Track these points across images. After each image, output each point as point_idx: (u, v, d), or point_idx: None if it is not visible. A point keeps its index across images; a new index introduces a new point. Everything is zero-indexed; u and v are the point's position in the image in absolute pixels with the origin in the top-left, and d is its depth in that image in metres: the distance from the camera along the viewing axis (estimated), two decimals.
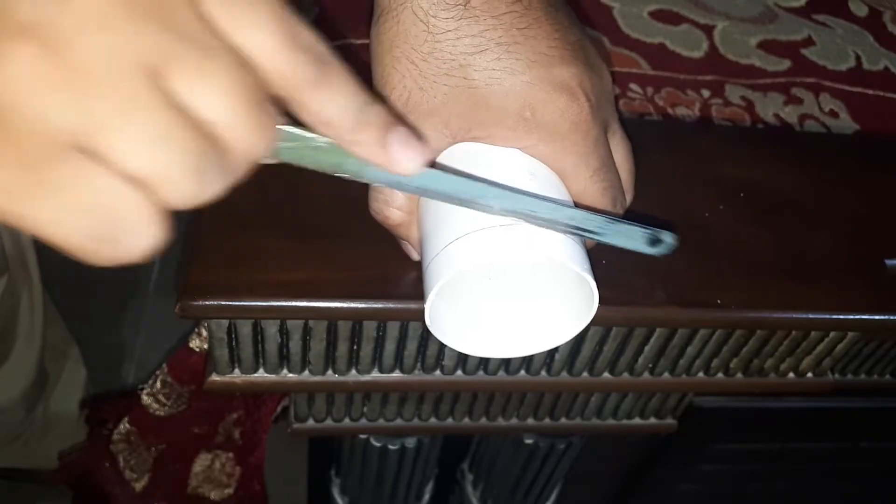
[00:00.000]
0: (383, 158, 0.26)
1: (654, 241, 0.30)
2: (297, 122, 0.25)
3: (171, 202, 0.21)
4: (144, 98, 0.20)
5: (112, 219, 0.20)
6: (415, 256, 0.35)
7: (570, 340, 0.40)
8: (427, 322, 0.30)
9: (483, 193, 0.28)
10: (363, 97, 0.25)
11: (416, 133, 0.27)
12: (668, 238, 0.30)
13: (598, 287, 0.30)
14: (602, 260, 0.37)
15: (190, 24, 0.20)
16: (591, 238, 0.30)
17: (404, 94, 0.31)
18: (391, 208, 0.33)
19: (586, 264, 0.30)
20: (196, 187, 0.21)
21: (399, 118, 0.27)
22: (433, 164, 0.32)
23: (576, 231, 0.29)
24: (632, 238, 0.30)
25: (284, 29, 0.22)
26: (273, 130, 0.23)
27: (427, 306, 0.29)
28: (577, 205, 0.31)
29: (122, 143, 0.20)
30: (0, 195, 0.19)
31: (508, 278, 0.33)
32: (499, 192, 0.28)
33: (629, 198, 0.36)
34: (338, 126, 0.25)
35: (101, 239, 0.20)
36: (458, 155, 0.32)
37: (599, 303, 0.30)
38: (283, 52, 0.22)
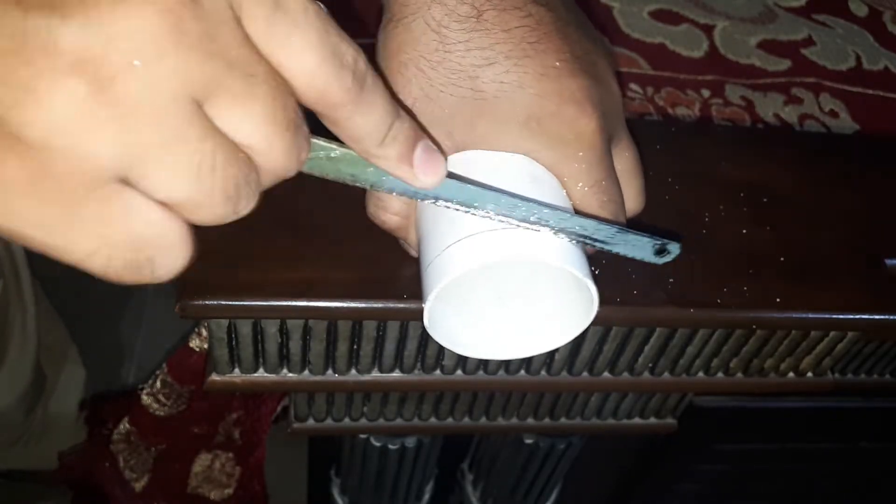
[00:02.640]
0: (405, 173, 0.26)
1: (661, 251, 0.31)
2: (313, 129, 0.25)
3: (203, 223, 0.21)
4: (188, 130, 0.20)
5: (149, 245, 0.21)
6: (415, 255, 0.35)
7: (570, 340, 0.40)
8: (426, 324, 0.30)
9: (496, 203, 0.28)
10: (393, 113, 0.25)
11: (436, 147, 0.27)
12: (674, 248, 0.31)
13: (598, 286, 0.30)
14: (602, 259, 0.37)
15: (234, 49, 0.20)
16: (600, 247, 0.30)
17: (409, 100, 0.31)
18: (388, 214, 0.33)
19: (585, 268, 0.30)
20: (230, 209, 0.21)
21: (420, 131, 0.27)
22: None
23: (586, 240, 0.30)
24: (639, 248, 0.31)
25: (327, 47, 0.22)
26: (305, 151, 0.23)
27: (426, 308, 0.29)
28: (587, 215, 0.32)
29: (165, 174, 0.20)
30: (39, 231, 0.19)
31: (508, 280, 0.33)
32: (511, 202, 0.29)
33: (640, 206, 0.36)
34: (365, 141, 0.25)
35: (137, 265, 0.21)
36: (462, 156, 0.32)
37: (599, 302, 0.30)
38: (324, 71, 0.22)
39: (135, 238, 0.20)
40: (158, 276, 0.21)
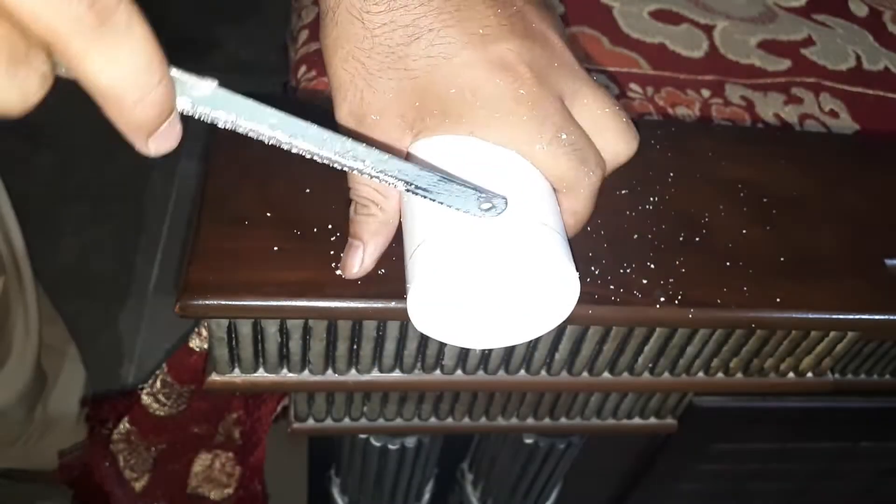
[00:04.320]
0: (141, 144, 0.25)
1: (486, 204, 0.30)
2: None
3: None
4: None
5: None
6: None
7: (570, 340, 0.40)
8: (409, 312, 0.30)
9: (304, 135, 0.27)
10: (154, 69, 0.23)
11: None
12: (500, 203, 0.30)
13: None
14: (602, 259, 0.37)
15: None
16: (423, 196, 0.29)
17: (357, 95, 0.31)
18: (366, 187, 0.33)
19: (567, 259, 0.30)
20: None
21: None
22: (407, 157, 0.32)
23: (408, 187, 0.29)
24: (464, 199, 0.30)
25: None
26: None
27: (409, 299, 0.30)
28: (409, 160, 0.31)
29: None
30: None
31: (491, 272, 0.33)
32: (319, 136, 0.27)
33: (629, 149, 0.34)
34: (112, 96, 0.23)
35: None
36: (422, 144, 0.32)
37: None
38: None
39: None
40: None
